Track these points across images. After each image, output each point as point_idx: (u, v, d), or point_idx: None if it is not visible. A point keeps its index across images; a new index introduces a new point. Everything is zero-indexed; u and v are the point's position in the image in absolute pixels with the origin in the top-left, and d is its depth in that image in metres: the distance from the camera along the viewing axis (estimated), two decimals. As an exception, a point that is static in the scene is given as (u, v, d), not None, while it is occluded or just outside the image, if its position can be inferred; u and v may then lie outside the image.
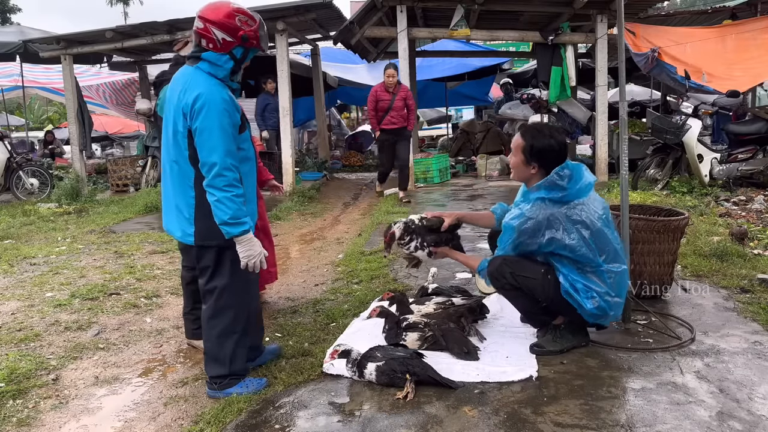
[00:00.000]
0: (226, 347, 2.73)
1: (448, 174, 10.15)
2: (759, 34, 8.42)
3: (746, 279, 4.02)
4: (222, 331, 2.73)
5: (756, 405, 2.46)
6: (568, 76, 9.28)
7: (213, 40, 2.57)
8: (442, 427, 2.36)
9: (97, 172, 12.49)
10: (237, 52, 2.61)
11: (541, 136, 2.98)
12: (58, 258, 5.61)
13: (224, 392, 2.73)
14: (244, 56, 2.66)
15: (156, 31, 9.46)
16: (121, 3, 50.72)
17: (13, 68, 13.09)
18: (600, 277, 2.88)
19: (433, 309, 3.30)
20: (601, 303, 2.87)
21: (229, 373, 2.75)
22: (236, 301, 2.74)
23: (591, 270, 2.88)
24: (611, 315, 2.96)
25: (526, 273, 2.95)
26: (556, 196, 2.86)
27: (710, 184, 7.37)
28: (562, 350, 3.00)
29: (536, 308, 3.05)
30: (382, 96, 8.06)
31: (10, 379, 3.01)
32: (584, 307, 2.88)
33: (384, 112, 8.07)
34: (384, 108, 8.06)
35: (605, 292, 2.88)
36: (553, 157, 2.93)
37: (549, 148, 2.94)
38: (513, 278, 2.95)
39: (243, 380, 2.78)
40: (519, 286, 2.96)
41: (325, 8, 8.95)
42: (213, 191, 2.53)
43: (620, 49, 3.41)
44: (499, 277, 2.99)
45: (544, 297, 2.95)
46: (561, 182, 2.86)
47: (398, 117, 8.10)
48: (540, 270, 2.95)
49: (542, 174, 2.95)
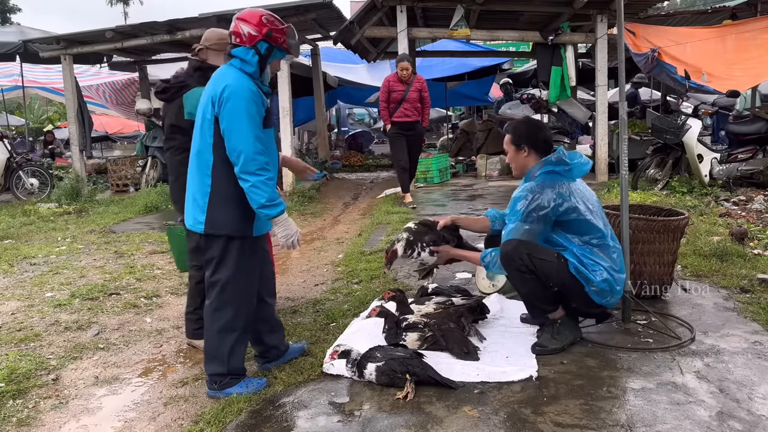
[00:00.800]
0: (225, 343, 2.74)
1: (448, 174, 10.15)
2: (759, 34, 8.41)
3: (746, 279, 4.02)
4: (223, 326, 2.74)
5: (756, 405, 2.46)
6: (568, 76, 9.27)
7: (240, 35, 2.69)
8: (442, 427, 2.36)
9: (97, 172, 12.50)
10: (261, 46, 2.69)
11: (521, 123, 3.29)
12: (58, 258, 5.62)
13: (224, 392, 2.73)
14: (268, 52, 2.74)
15: (156, 31, 9.46)
16: (121, 3, 50.72)
17: (13, 68, 13.10)
18: (605, 252, 3.00)
19: (433, 309, 3.31)
20: (608, 276, 2.97)
21: (228, 372, 2.75)
22: (239, 297, 2.76)
23: (597, 243, 2.99)
24: (617, 290, 3.05)
25: (542, 255, 2.98)
26: (563, 169, 3.02)
27: (710, 184, 7.36)
28: (563, 347, 3.02)
29: (543, 294, 3.02)
30: (395, 86, 7.35)
31: (10, 379, 3.01)
32: (593, 280, 2.94)
33: (396, 104, 7.34)
34: (397, 99, 7.33)
35: (610, 267, 2.99)
36: (538, 136, 3.16)
37: (531, 129, 3.19)
38: (530, 259, 2.94)
39: (243, 380, 2.78)
40: (534, 268, 2.95)
41: (325, 8, 8.95)
42: (246, 177, 2.60)
43: (620, 49, 3.41)
44: (516, 258, 2.97)
45: (558, 280, 2.96)
46: (564, 157, 3.03)
47: (412, 109, 7.38)
48: (554, 253, 3.01)
49: (535, 154, 3.13)
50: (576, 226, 2.99)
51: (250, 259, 2.78)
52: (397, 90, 7.35)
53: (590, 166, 3.11)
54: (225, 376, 2.76)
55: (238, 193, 2.66)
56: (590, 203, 3.04)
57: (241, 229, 2.72)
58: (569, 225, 3.00)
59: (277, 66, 2.91)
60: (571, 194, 2.99)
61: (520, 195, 3.04)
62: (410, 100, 7.36)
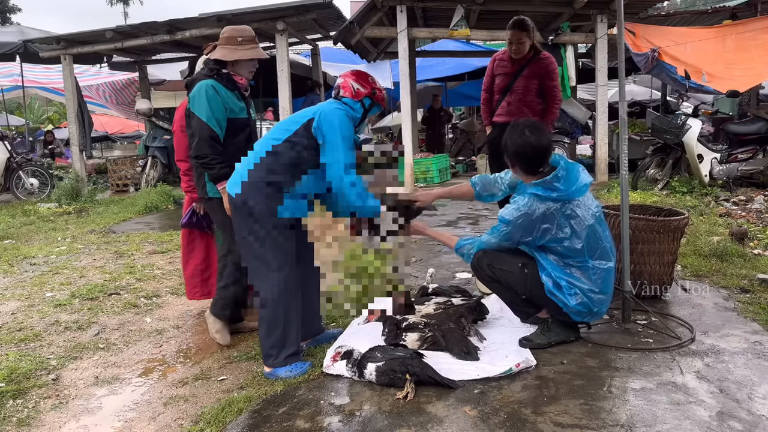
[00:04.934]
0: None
1: (448, 174, 10.15)
2: (759, 34, 8.41)
3: (746, 279, 4.02)
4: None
5: (756, 405, 2.46)
6: (568, 76, 9.27)
7: (349, 88, 3.03)
8: (442, 427, 2.36)
9: (97, 172, 12.49)
10: (366, 101, 3.04)
11: (516, 135, 2.98)
12: (58, 258, 5.62)
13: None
14: (371, 107, 3.08)
15: (156, 31, 9.47)
16: (121, 3, 50.74)
17: (13, 68, 13.08)
18: (585, 273, 2.95)
19: (433, 309, 3.31)
20: (585, 299, 2.93)
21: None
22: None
23: (576, 265, 2.94)
24: (595, 312, 3.03)
25: (503, 266, 3.05)
26: (551, 195, 2.91)
27: (710, 184, 7.37)
28: (549, 343, 3.05)
29: (518, 300, 3.14)
30: (500, 70, 4.55)
31: (10, 379, 3.01)
32: (568, 304, 2.94)
33: (501, 95, 4.54)
34: (502, 88, 4.53)
35: (589, 289, 2.94)
36: (528, 157, 2.96)
37: (522, 147, 2.95)
38: (491, 270, 3.08)
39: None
40: (497, 278, 3.08)
41: (325, 8, 8.96)
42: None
43: (620, 49, 3.41)
44: (479, 269, 3.15)
45: (522, 289, 3.05)
46: (556, 183, 2.90)
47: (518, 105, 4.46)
48: (517, 264, 3.02)
49: (525, 174, 3.01)
50: (559, 251, 2.95)
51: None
52: (503, 73, 4.54)
53: (587, 188, 2.98)
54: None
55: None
56: (585, 221, 2.91)
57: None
58: (549, 248, 2.96)
59: (371, 122, 3.10)
60: (559, 223, 2.90)
61: (505, 217, 2.99)
62: (518, 90, 4.48)
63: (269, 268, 2.86)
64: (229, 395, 2.75)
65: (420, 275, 4.31)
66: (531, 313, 3.16)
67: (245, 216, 2.85)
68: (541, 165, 2.97)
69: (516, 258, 3.05)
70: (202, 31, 9.34)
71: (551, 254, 2.97)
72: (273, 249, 2.86)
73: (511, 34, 4.34)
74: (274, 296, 2.86)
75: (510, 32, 4.35)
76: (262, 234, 2.84)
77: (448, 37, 9.42)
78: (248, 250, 2.91)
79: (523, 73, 4.38)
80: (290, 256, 2.92)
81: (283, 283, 2.87)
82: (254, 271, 2.92)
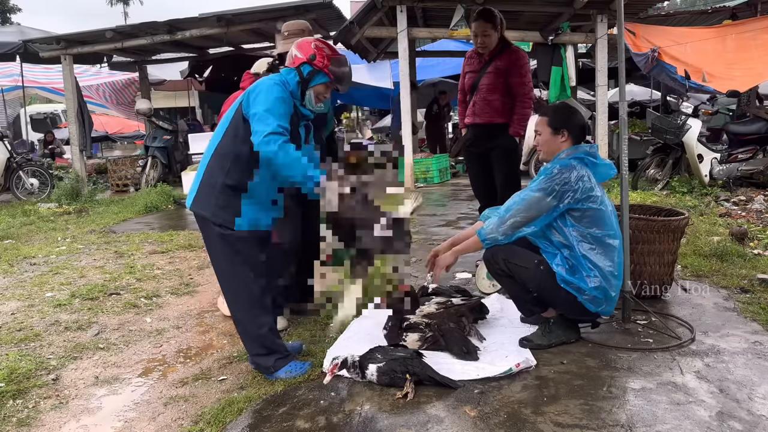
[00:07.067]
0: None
1: (448, 174, 10.16)
2: (759, 34, 8.41)
3: (746, 279, 4.02)
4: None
5: (756, 405, 2.46)
6: (568, 76, 9.27)
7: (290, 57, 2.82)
8: (442, 427, 2.36)
9: (97, 172, 12.49)
10: (304, 69, 2.76)
11: (561, 108, 3.24)
12: (58, 258, 5.61)
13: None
14: (310, 76, 2.77)
15: (156, 31, 9.46)
16: (121, 3, 50.73)
17: (13, 68, 13.07)
18: (608, 253, 2.90)
19: (433, 309, 3.31)
20: (602, 283, 2.88)
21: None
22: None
23: (600, 237, 2.89)
24: (612, 297, 2.97)
25: (519, 261, 3.00)
26: (591, 161, 2.99)
27: (710, 184, 7.37)
28: (550, 344, 3.04)
29: (527, 297, 3.09)
30: (468, 67, 4.41)
31: (10, 379, 3.01)
32: (584, 288, 2.87)
33: (470, 93, 4.34)
34: (469, 86, 4.35)
35: (609, 271, 2.89)
36: (577, 122, 3.08)
37: (572, 115, 3.12)
38: (506, 265, 3.01)
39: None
40: (511, 273, 3.01)
41: (325, 8, 8.96)
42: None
43: (620, 49, 3.41)
44: (493, 263, 3.07)
45: (535, 286, 2.99)
46: (594, 157, 3.00)
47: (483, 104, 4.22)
48: (534, 260, 2.99)
49: (572, 140, 3.04)
50: (589, 215, 2.88)
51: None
52: (470, 70, 4.40)
53: (614, 173, 3.09)
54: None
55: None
56: (607, 200, 3.01)
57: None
58: (583, 213, 2.88)
59: (323, 93, 2.85)
60: (591, 180, 2.93)
61: (548, 168, 2.95)
62: (483, 89, 4.26)
63: (236, 282, 2.83)
64: (229, 395, 2.76)
65: (420, 275, 4.31)
66: (537, 311, 3.12)
67: (205, 228, 2.81)
68: (585, 134, 3.13)
69: (532, 255, 3.02)
70: (202, 31, 9.34)
71: (574, 228, 2.89)
72: (235, 264, 2.79)
73: (475, 26, 4.04)
74: (243, 314, 2.86)
75: (474, 24, 4.04)
76: (221, 247, 2.78)
77: (448, 37, 9.41)
78: (215, 263, 2.88)
79: (488, 70, 4.10)
80: (254, 267, 2.82)
81: (247, 300, 2.83)
82: (223, 284, 2.93)
